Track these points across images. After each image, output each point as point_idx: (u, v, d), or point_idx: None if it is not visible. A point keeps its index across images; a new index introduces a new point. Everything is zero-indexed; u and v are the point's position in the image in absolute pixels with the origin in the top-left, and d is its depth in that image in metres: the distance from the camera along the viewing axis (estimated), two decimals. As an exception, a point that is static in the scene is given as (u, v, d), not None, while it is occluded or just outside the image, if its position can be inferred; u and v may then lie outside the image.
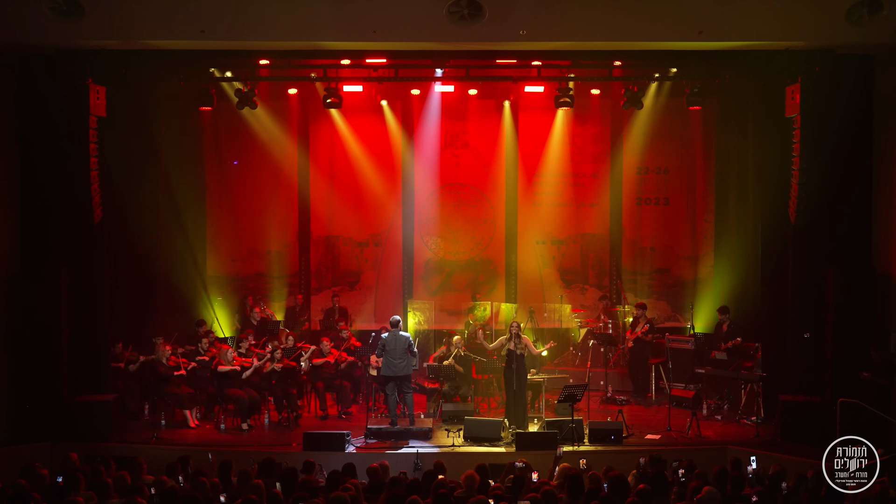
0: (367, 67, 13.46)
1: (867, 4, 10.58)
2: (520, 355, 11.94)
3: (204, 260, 15.99)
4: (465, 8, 10.81)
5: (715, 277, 15.92)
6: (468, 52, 12.61)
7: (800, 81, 11.77)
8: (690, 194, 16.32)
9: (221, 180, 16.21)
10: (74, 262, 12.06)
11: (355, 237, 16.47)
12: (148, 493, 7.60)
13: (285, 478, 8.00)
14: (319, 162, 16.23)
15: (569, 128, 16.09)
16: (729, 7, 11.00)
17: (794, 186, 11.96)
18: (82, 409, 11.77)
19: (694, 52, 12.01)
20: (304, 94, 15.55)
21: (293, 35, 11.42)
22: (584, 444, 11.38)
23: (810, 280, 11.95)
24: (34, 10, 10.68)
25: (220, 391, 12.40)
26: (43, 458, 10.48)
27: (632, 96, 13.79)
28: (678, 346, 13.99)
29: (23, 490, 7.36)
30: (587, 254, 16.55)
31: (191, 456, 9.39)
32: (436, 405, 12.98)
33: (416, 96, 15.66)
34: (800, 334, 11.86)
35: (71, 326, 12.03)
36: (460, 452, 11.12)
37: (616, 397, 13.87)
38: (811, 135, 11.76)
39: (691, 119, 15.75)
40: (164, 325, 14.14)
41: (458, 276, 16.57)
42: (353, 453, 11.04)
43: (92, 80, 11.89)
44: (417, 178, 16.30)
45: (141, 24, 11.04)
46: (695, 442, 11.54)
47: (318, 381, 13.03)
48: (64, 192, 12.00)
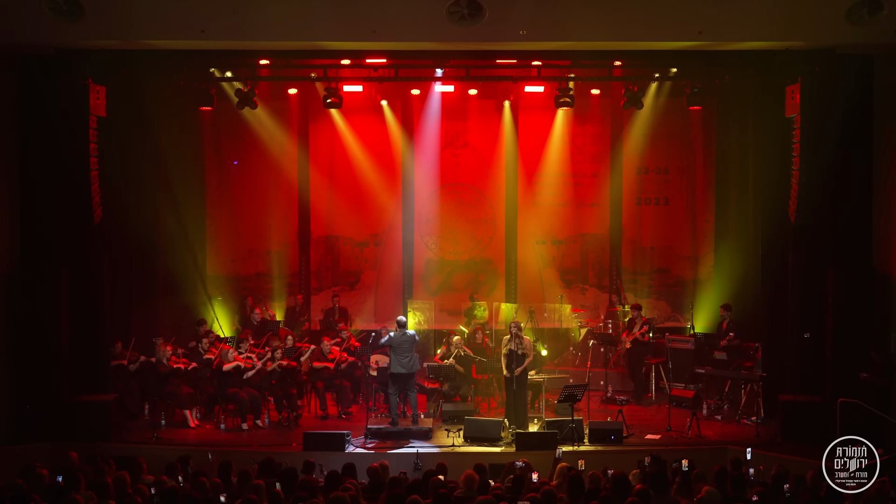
0: (367, 67, 13.46)
1: (867, 4, 10.56)
2: (521, 355, 11.94)
3: (204, 260, 15.99)
4: (465, 8, 10.80)
5: (715, 277, 15.93)
6: (468, 52, 12.61)
7: (800, 81, 11.76)
8: (690, 194, 16.32)
9: (221, 180, 16.22)
10: (74, 262, 12.05)
11: (355, 237, 16.47)
12: (148, 493, 7.61)
13: (285, 478, 8.00)
14: (319, 162, 16.23)
15: (569, 128, 16.09)
16: (729, 7, 10.99)
17: (794, 186, 11.96)
18: (82, 409, 11.77)
19: (694, 52, 12.00)
20: (304, 94, 15.55)
21: (293, 35, 11.41)
22: (584, 444, 11.38)
23: (810, 280, 11.95)
24: (34, 10, 10.66)
25: (221, 391, 12.40)
26: (43, 458, 10.46)
27: (632, 96, 13.79)
28: (678, 345, 13.98)
29: (22, 490, 7.36)
30: (587, 254, 16.55)
31: (191, 456, 9.39)
32: (436, 405, 12.98)
33: (416, 96, 15.66)
34: (800, 334, 11.85)
35: (71, 326, 12.02)
36: (460, 452, 11.12)
37: (616, 397, 13.86)
38: (811, 135, 11.75)
39: (691, 119, 15.76)
40: (164, 325, 14.15)
41: (458, 276, 16.57)
42: (353, 453, 11.04)
43: (92, 80, 11.89)
44: (417, 178, 16.30)
45: (141, 24, 11.03)
46: (695, 442, 11.54)
47: (318, 381, 13.03)
48: (64, 192, 11.99)
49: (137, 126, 13.81)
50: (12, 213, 12.02)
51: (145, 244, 14.52)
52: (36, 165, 12.02)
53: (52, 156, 11.92)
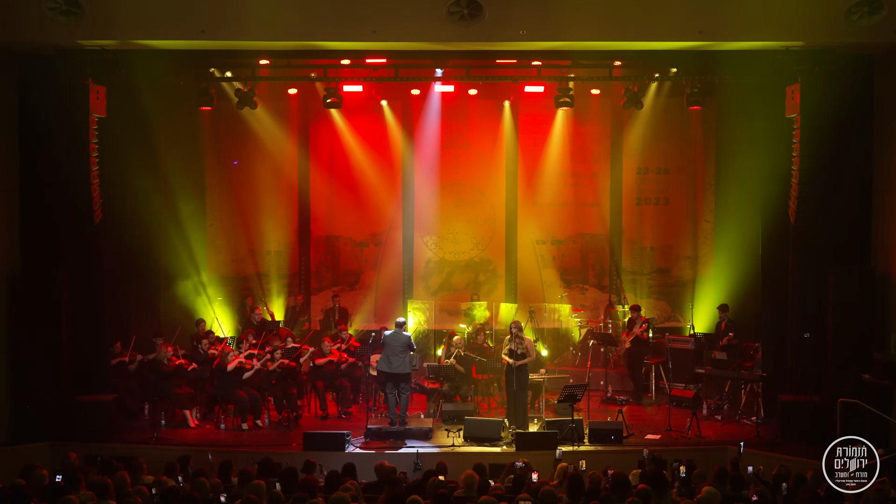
0: (367, 67, 13.48)
1: (867, 4, 10.58)
2: (520, 355, 11.93)
3: (204, 260, 15.99)
4: (465, 8, 10.81)
5: (715, 277, 15.92)
6: (468, 52, 12.62)
7: (800, 81, 11.76)
8: (690, 194, 16.32)
9: (221, 180, 16.21)
10: (74, 262, 12.05)
11: (355, 237, 16.47)
12: (148, 493, 7.61)
13: (285, 478, 8.00)
14: (319, 162, 16.23)
15: (569, 128, 16.08)
16: (729, 7, 11.01)
17: (794, 186, 11.96)
18: (82, 409, 11.78)
19: (694, 52, 12.01)
20: (304, 94, 15.56)
21: (293, 35, 11.42)
22: (584, 444, 11.38)
23: (810, 280, 11.94)
24: (34, 10, 10.68)
25: (221, 391, 12.40)
26: (43, 458, 10.48)
27: (632, 96, 13.78)
28: (678, 345, 13.99)
29: (22, 490, 7.36)
30: (587, 254, 16.55)
31: (191, 456, 9.40)
32: (436, 405, 12.98)
33: (416, 96, 15.65)
34: (800, 334, 11.86)
35: (71, 326, 12.02)
36: (460, 452, 11.12)
37: (616, 397, 13.87)
38: (811, 135, 11.75)
39: (691, 119, 15.77)
40: (164, 325, 14.15)
41: (458, 276, 16.57)
42: (353, 453, 11.04)
43: (92, 80, 11.89)
44: (417, 178, 16.30)
45: (141, 24, 11.04)
46: (695, 442, 11.54)
47: (318, 381, 13.04)
48: (64, 192, 12.00)
49: (137, 126, 13.80)
50: (12, 214, 12.02)
51: (145, 244, 14.52)
52: (36, 165, 12.02)
53: (52, 156, 11.93)
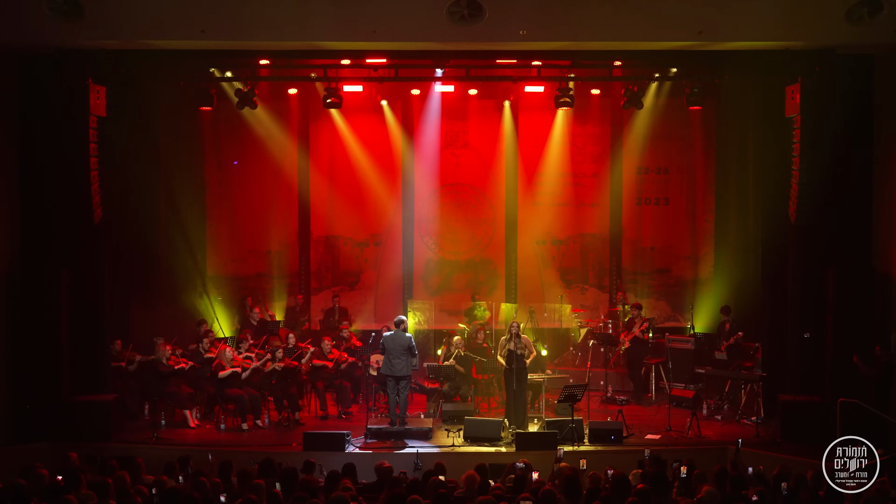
0: (367, 67, 13.46)
1: (867, 4, 10.57)
2: (520, 355, 11.94)
3: (204, 260, 16.00)
4: (465, 8, 10.80)
5: (715, 277, 15.93)
6: (468, 52, 12.61)
7: (800, 81, 11.76)
8: (690, 194, 16.33)
9: (221, 180, 16.22)
10: (74, 261, 12.05)
11: (355, 237, 16.48)
12: (148, 493, 7.60)
13: (285, 478, 8.00)
14: (319, 162, 16.24)
15: (569, 128, 16.11)
16: (729, 7, 11.00)
17: (794, 186, 11.96)
18: (82, 409, 11.76)
19: (694, 52, 12.00)
20: (304, 94, 15.55)
21: (293, 35, 11.42)
22: (584, 444, 11.38)
23: (810, 280, 11.94)
24: (34, 10, 10.67)
25: (221, 391, 12.39)
26: (43, 458, 10.41)
27: (632, 96, 13.78)
28: (678, 345, 13.99)
29: (22, 490, 7.36)
30: (587, 254, 16.56)
31: (191, 456, 9.37)
32: (436, 405, 12.98)
33: (416, 96, 15.67)
34: (800, 334, 11.86)
35: (71, 326, 12.02)
36: (460, 452, 11.12)
37: (616, 397, 13.87)
38: (811, 135, 11.75)
39: (691, 119, 15.77)
40: (164, 325, 14.14)
41: (458, 276, 16.58)
42: (353, 453, 11.04)
43: (92, 80, 11.88)
44: (417, 178, 16.31)
45: (141, 24, 11.04)
46: (695, 442, 11.54)
47: (318, 381, 13.03)
48: (64, 192, 12.00)
49: (137, 126, 13.79)
50: (12, 213, 12.02)
51: (145, 244, 14.52)
52: (36, 165, 12.02)
53: (52, 156, 11.93)
